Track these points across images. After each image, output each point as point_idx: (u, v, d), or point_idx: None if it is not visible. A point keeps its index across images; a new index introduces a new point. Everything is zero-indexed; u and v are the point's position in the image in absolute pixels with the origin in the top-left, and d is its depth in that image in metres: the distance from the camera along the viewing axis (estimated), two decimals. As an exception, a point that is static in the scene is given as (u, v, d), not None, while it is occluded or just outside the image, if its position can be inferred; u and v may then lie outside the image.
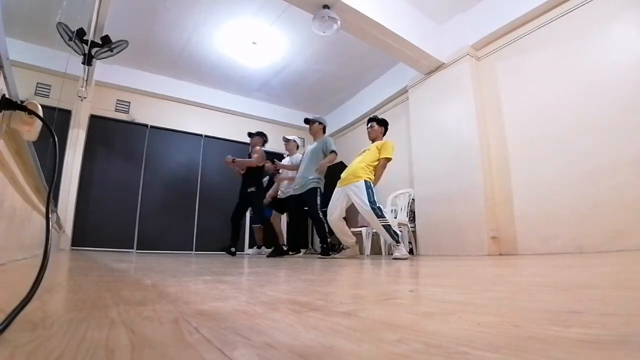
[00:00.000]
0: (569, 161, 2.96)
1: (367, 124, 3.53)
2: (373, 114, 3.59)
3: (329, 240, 3.59)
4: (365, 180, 3.07)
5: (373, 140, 3.44)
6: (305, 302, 0.57)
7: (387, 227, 2.90)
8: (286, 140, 4.63)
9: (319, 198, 3.68)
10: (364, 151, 3.42)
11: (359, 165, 3.22)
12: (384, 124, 3.51)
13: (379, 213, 2.93)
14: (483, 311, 0.49)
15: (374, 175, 3.22)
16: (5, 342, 0.30)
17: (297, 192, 3.83)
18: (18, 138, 0.94)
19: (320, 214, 3.63)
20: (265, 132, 4.48)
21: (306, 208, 3.80)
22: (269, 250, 4.17)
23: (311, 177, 3.74)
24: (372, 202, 2.96)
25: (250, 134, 4.38)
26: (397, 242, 2.86)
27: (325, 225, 3.59)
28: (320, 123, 4.04)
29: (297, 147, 4.63)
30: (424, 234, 4.05)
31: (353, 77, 5.49)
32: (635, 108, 2.57)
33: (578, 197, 2.85)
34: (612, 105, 2.72)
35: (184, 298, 0.61)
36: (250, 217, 5.25)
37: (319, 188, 3.73)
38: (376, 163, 3.24)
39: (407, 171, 4.66)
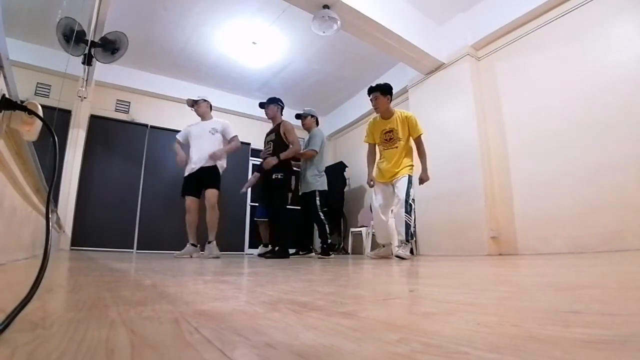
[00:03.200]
0: (569, 161, 2.96)
1: (369, 95, 3.16)
2: (369, 86, 3.20)
3: (329, 240, 3.58)
4: (408, 175, 3.01)
5: (383, 112, 3.15)
6: (305, 302, 0.57)
7: (408, 225, 2.86)
8: (194, 103, 3.74)
9: (318, 199, 3.63)
10: (387, 132, 3.15)
11: (404, 160, 3.08)
12: (388, 90, 3.14)
13: (408, 209, 2.89)
14: (483, 311, 0.49)
15: (423, 160, 3.12)
16: (5, 342, 0.30)
17: (303, 191, 3.76)
18: (18, 138, 0.94)
19: (322, 214, 3.59)
20: (279, 98, 3.91)
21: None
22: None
23: (311, 177, 3.69)
24: (407, 195, 2.92)
25: (262, 105, 3.85)
26: (407, 242, 2.85)
27: (327, 226, 3.58)
28: (312, 116, 3.93)
29: (211, 108, 3.84)
30: (424, 234, 4.05)
31: (353, 77, 5.49)
32: (635, 108, 2.58)
33: (578, 197, 2.85)
34: (612, 105, 2.72)
35: (184, 298, 0.61)
36: (258, 210, 4.94)
37: (317, 190, 3.65)
38: (410, 145, 3.13)
39: (407, 171, 4.65)
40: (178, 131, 5.63)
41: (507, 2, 3.59)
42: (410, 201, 2.91)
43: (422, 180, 3.10)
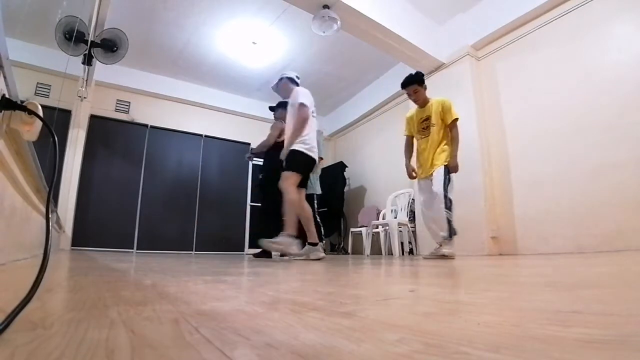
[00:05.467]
0: (569, 161, 2.96)
1: (405, 89, 3.01)
2: (403, 79, 3.03)
3: (323, 241, 3.54)
4: (445, 165, 2.79)
5: (422, 103, 3.01)
6: (305, 302, 0.57)
7: (449, 221, 2.68)
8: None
9: (316, 202, 3.64)
10: (423, 120, 2.97)
11: (441, 146, 2.86)
12: (423, 80, 3.00)
13: (448, 204, 2.70)
14: (483, 311, 0.49)
15: (453, 146, 2.84)
16: (5, 342, 0.30)
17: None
18: (18, 138, 0.94)
19: (318, 217, 3.60)
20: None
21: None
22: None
23: (312, 181, 3.67)
24: (445, 189, 2.72)
25: (271, 108, 3.89)
26: (450, 238, 2.68)
27: (322, 227, 3.54)
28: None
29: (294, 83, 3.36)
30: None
31: (353, 77, 5.49)
32: (635, 107, 2.58)
33: (578, 197, 2.85)
34: (612, 105, 2.72)
35: (184, 298, 0.61)
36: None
37: (316, 194, 3.67)
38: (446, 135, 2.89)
39: (407, 171, 4.65)
40: (178, 131, 5.71)
41: (507, 2, 3.59)
42: (449, 195, 2.71)
43: (450, 167, 2.80)
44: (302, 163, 2.87)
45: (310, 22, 3.27)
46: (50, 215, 0.62)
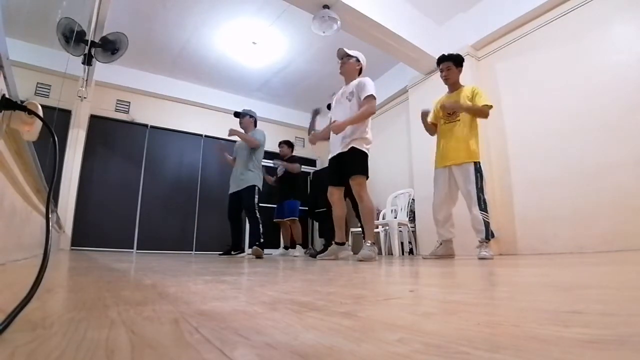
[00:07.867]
0: (569, 161, 2.96)
1: (439, 65, 2.90)
2: (441, 54, 2.93)
3: (262, 239, 3.47)
4: (475, 162, 2.66)
5: (452, 85, 2.89)
6: (305, 302, 0.57)
7: (486, 223, 2.58)
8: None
9: (257, 196, 3.58)
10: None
11: (467, 138, 2.71)
12: (461, 62, 2.87)
13: (482, 205, 2.59)
14: (483, 311, 0.49)
15: (473, 108, 2.69)
16: (5, 342, 0.30)
17: (235, 190, 3.75)
18: (18, 138, 0.94)
19: (257, 212, 3.54)
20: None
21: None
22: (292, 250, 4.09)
23: (252, 173, 3.66)
24: (479, 190, 2.61)
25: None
26: (487, 240, 2.60)
27: (261, 225, 3.50)
28: (250, 116, 3.95)
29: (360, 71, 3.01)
30: (424, 234, 4.05)
31: (353, 77, 5.48)
32: (636, 108, 2.58)
33: (578, 197, 2.85)
34: (612, 105, 2.73)
35: (184, 298, 0.61)
36: (276, 211, 4.83)
37: (257, 186, 3.61)
38: (476, 124, 2.77)
39: (407, 171, 4.66)
40: (178, 131, 5.72)
41: (507, 2, 3.59)
42: (483, 195, 2.61)
43: (445, 104, 2.74)
44: (367, 166, 2.67)
45: (310, 22, 3.28)
46: (50, 215, 0.62)
